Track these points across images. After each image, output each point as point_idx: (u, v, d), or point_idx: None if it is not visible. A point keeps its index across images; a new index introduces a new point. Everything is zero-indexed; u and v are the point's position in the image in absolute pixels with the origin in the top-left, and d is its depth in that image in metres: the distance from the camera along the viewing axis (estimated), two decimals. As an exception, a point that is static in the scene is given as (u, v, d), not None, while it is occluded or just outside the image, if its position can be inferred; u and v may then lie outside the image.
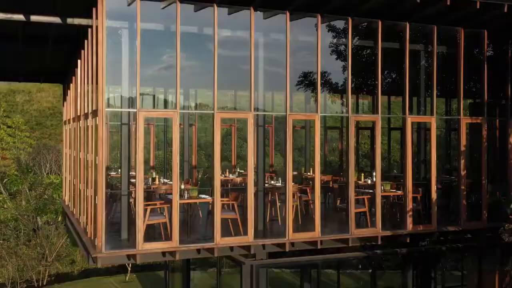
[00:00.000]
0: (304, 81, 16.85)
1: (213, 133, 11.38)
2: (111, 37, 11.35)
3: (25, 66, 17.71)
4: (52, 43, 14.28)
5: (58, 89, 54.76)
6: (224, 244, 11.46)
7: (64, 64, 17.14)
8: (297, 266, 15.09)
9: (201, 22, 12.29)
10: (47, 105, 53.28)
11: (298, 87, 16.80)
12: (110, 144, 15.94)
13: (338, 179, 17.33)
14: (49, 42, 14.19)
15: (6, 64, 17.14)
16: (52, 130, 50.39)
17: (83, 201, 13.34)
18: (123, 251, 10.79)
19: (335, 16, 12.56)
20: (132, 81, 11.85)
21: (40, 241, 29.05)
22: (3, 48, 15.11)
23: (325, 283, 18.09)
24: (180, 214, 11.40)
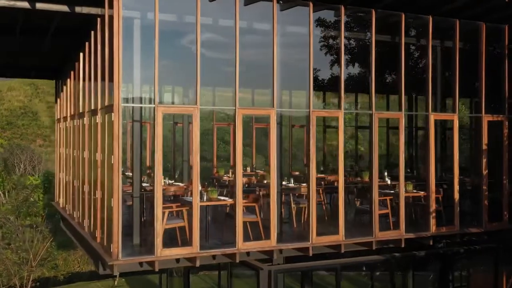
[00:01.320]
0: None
1: (235, 131, 10.67)
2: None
3: (17, 60, 16.75)
4: (51, 36, 13.36)
5: (29, 88, 53.45)
6: (246, 249, 10.76)
7: (59, 59, 16.21)
8: (314, 270, 14.43)
9: (216, 13, 11.58)
10: (18, 105, 52.01)
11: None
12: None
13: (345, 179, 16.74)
14: (47, 35, 13.25)
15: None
16: (24, 130, 49.15)
17: (87, 204, 12.48)
18: (141, 258, 9.99)
19: (358, 8, 11.95)
20: (145, 75, 11.11)
21: (21, 245, 27.90)
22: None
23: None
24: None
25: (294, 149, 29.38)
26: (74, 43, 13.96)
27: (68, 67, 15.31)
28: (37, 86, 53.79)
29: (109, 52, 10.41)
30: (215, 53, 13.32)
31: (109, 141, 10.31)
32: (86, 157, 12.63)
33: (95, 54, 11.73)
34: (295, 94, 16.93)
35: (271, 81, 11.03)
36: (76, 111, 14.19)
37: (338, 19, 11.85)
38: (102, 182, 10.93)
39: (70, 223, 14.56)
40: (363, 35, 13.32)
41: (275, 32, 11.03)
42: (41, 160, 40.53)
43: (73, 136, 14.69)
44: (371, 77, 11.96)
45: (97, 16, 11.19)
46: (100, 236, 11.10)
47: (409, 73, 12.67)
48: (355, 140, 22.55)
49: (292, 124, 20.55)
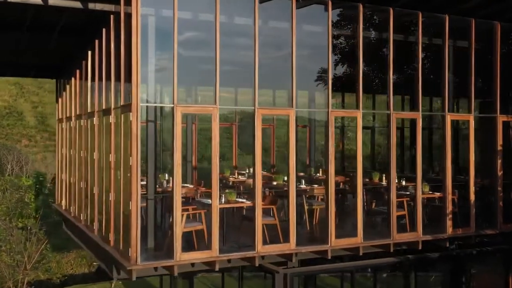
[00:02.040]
0: (323, 77, 15.78)
1: (254, 131, 10.40)
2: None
3: (18, 59, 16.32)
4: (57, 34, 12.97)
5: (14, 88, 52.68)
6: (266, 253, 10.50)
7: (62, 57, 15.79)
8: (329, 273, 14.20)
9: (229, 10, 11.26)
10: (3, 104, 51.41)
11: (318, 83, 15.72)
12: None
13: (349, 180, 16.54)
14: (53, 33, 12.86)
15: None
16: (9, 130, 48.48)
17: (97, 206, 12.15)
18: (160, 262, 9.69)
19: (376, 6, 11.74)
20: (159, 74, 10.80)
21: (14, 247, 27.35)
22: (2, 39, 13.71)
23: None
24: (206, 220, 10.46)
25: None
26: (80, 41, 13.59)
27: (73, 66, 14.91)
28: (22, 86, 53.10)
29: (126, 50, 10.10)
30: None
31: (125, 142, 10.00)
32: (96, 158, 12.28)
33: (107, 52, 11.39)
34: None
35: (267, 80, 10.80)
36: (83, 110, 13.82)
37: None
38: (117, 184, 10.62)
39: (76, 226, 14.20)
40: (377, 34, 13.09)
41: (294, 31, 10.79)
42: (28, 161, 39.94)
43: (79, 137, 14.32)
44: (389, 77, 11.76)
45: (110, 13, 10.84)
46: (114, 240, 10.77)
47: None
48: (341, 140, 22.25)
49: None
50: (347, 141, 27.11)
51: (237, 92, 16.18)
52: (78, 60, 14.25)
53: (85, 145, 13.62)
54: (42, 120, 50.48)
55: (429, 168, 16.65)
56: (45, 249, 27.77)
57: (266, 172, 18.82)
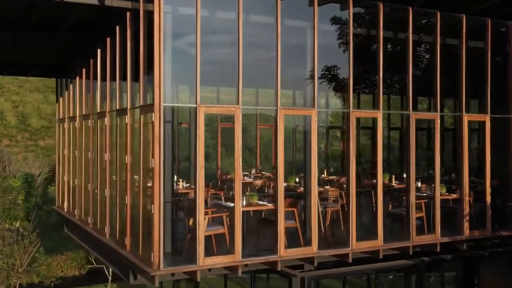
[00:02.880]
0: (327, 75, 15.56)
1: (276, 132, 10.16)
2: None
3: (16, 58, 15.86)
4: (62, 32, 12.59)
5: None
6: (288, 257, 10.26)
7: (63, 56, 15.35)
8: (346, 275, 14.01)
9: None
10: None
11: (321, 81, 15.36)
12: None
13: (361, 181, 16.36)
14: (59, 31, 12.47)
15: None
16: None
17: (109, 209, 11.81)
18: (183, 268, 9.39)
19: (396, 4, 11.56)
20: (176, 74, 10.51)
21: (6, 250, 26.71)
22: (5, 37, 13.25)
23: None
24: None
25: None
26: (86, 38, 13.20)
27: (78, 64, 14.51)
28: (2, 85, 52.18)
29: (145, 49, 9.80)
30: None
31: (145, 143, 9.70)
32: (107, 160, 11.93)
33: (122, 50, 11.06)
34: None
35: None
36: (91, 110, 13.44)
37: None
38: (134, 186, 10.30)
39: (82, 229, 13.82)
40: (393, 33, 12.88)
41: (316, 30, 10.55)
42: (11, 161, 39.21)
43: (85, 137, 13.94)
44: (408, 77, 11.59)
45: (127, 10, 10.51)
46: (130, 244, 10.45)
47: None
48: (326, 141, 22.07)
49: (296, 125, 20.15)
50: (333, 141, 26.88)
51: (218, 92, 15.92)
52: (84, 58, 13.86)
53: (93, 146, 13.26)
54: (23, 119, 49.61)
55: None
56: (38, 252, 27.22)
57: (268, 173, 18.60)
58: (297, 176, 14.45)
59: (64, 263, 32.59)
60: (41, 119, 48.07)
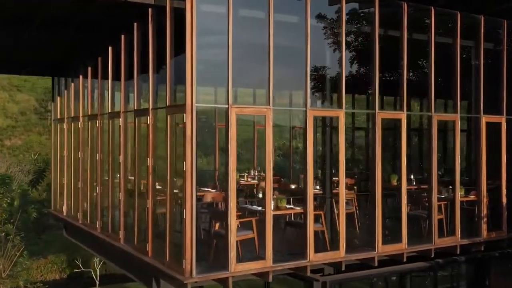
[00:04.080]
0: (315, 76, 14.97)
1: (306, 133, 9.90)
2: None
3: (14, 55, 15.22)
4: (66, 30, 12.09)
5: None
6: (318, 261, 10.02)
7: (64, 54, 14.78)
8: (365, 279, 13.81)
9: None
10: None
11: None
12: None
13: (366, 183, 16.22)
14: (65, 29, 11.96)
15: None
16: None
17: (124, 214, 11.38)
18: (216, 274, 9.04)
19: (419, 4, 11.43)
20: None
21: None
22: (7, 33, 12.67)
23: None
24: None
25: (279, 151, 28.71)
26: (93, 36, 12.72)
27: (82, 62, 13.98)
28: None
29: (172, 47, 9.41)
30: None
31: (173, 145, 9.34)
32: (121, 162, 11.47)
33: (142, 48, 10.64)
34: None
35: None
36: (99, 111, 12.95)
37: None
38: (155, 190, 9.94)
39: (86, 233, 13.33)
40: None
41: (343, 30, 10.33)
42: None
43: (91, 139, 13.44)
44: (430, 79, 11.48)
45: (149, 6, 10.10)
46: (153, 251, 10.05)
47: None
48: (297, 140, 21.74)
49: (292, 126, 19.95)
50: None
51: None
52: (90, 56, 13.36)
53: (101, 148, 12.79)
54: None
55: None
56: (22, 256, 26.39)
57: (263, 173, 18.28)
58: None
59: (44, 267, 31.77)
60: (7, 118, 46.93)
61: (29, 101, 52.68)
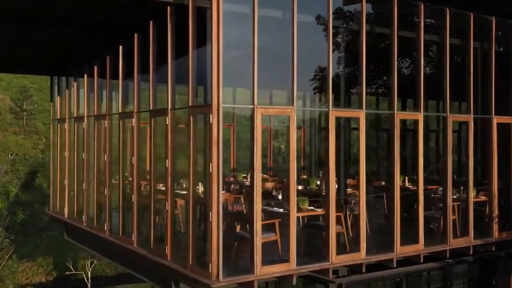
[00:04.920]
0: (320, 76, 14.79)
1: (328, 133, 9.81)
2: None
3: (13, 54, 14.85)
4: (70, 28, 11.82)
5: None
6: (339, 263, 9.94)
7: (67, 53, 14.46)
8: (381, 280, 13.75)
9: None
10: None
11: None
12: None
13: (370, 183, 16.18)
14: (71, 27, 11.69)
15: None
16: None
17: (136, 216, 11.16)
18: (242, 278, 8.88)
19: (433, 5, 11.43)
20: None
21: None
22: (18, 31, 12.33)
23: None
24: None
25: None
26: (101, 35, 12.47)
27: (87, 61, 13.70)
28: None
29: (194, 47, 9.24)
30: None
31: (196, 146, 9.19)
32: (134, 163, 11.24)
33: (158, 48, 10.43)
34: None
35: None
36: (108, 111, 12.69)
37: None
38: (172, 191, 9.77)
39: (94, 236, 13.04)
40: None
41: (363, 33, 10.27)
42: None
43: (97, 139, 13.16)
44: (446, 80, 11.48)
45: (167, 4, 9.89)
46: (171, 254, 9.85)
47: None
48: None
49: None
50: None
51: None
52: (97, 55, 13.09)
53: (110, 148, 12.54)
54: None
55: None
56: (11, 259, 25.87)
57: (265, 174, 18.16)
58: (318, 179, 14.14)
59: (30, 270, 31.26)
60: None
61: (4, 100, 51.80)
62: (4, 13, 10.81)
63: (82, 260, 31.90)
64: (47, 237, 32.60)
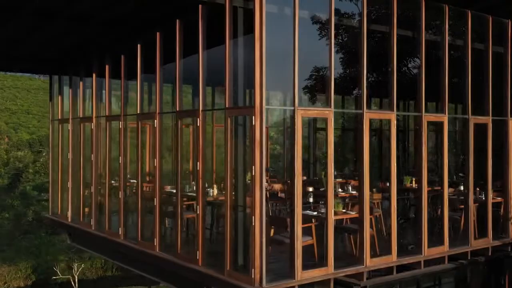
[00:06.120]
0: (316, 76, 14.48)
1: (362, 136, 9.73)
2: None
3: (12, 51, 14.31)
4: (89, 25, 11.45)
5: None
6: (373, 266, 9.87)
7: (73, 51, 13.98)
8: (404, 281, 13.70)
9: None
10: None
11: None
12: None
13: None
14: (85, 24, 11.33)
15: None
16: None
17: (158, 220, 10.87)
18: (285, 283, 8.70)
19: (458, 8, 11.47)
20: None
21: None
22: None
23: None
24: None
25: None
26: (115, 32, 12.11)
27: (97, 60, 13.28)
28: None
29: (230, 48, 9.01)
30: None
31: (235, 148, 8.98)
32: (157, 165, 10.92)
33: (185, 47, 10.17)
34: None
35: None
36: (122, 111, 12.32)
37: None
38: (203, 194, 9.55)
39: (104, 240, 12.66)
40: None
41: (395, 31, 10.22)
42: None
43: (110, 141, 12.78)
44: (468, 82, 11.55)
45: (199, 3, 9.63)
46: (203, 258, 9.61)
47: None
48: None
49: (286, 127, 19.73)
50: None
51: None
52: (111, 53, 12.71)
53: (124, 151, 12.20)
54: None
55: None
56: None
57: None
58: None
59: (8, 274, 30.43)
60: None
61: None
62: (19, 8, 10.36)
63: (62, 263, 31.22)
64: (26, 239, 31.81)
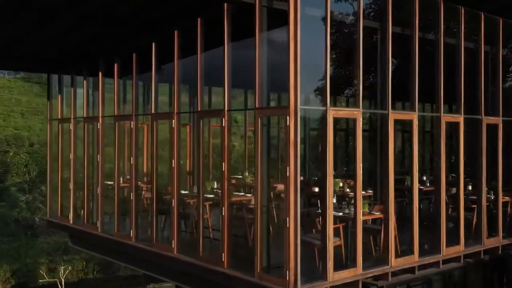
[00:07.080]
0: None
1: (388, 137, 9.75)
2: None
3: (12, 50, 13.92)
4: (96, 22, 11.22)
5: None
6: (398, 267, 9.90)
7: (77, 50, 13.65)
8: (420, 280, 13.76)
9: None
10: None
11: None
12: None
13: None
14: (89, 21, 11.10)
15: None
16: None
17: (176, 221, 10.70)
18: (318, 285, 8.65)
19: (471, 9, 11.60)
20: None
21: None
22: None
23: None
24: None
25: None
26: (126, 30, 11.88)
27: (104, 59, 13.01)
28: None
29: (260, 48, 8.90)
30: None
31: (271, 148, 8.89)
32: (175, 166, 10.74)
33: (205, 46, 10.04)
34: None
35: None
36: (134, 111, 12.09)
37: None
38: (229, 196, 9.46)
39: (115, 243, 12.40)
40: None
41: (416, 34, 10.28)
42: None
43: (119, 141, 12.54)
44: (481, 84, 11.70)
45: (225, 1, 9.51)
46: (229, 260, 9.49)
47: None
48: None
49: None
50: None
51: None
52: (120, 52, 12.46)
53: (135, 151, 11.98)
54: None
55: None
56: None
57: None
58: (340, 180, 14.02)
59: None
60: None
61: None
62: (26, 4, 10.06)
63: (43, 266, 30.65)
64: (3, 242, 31.12)
